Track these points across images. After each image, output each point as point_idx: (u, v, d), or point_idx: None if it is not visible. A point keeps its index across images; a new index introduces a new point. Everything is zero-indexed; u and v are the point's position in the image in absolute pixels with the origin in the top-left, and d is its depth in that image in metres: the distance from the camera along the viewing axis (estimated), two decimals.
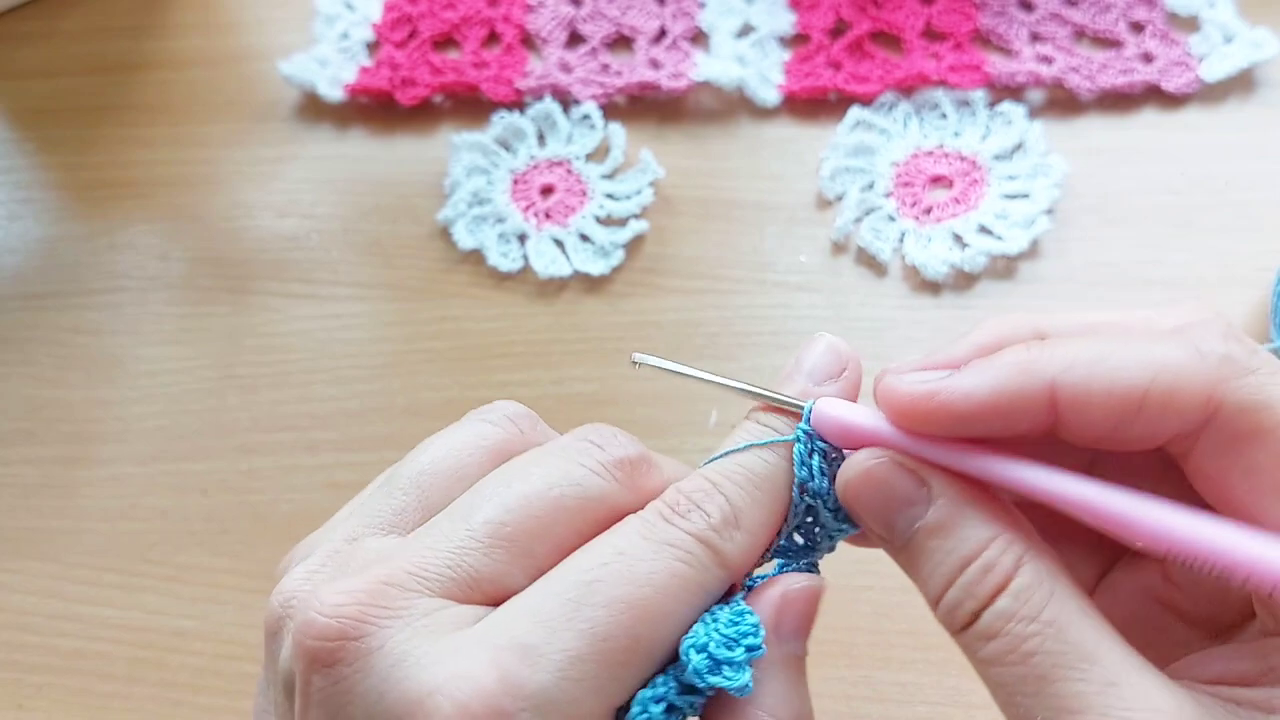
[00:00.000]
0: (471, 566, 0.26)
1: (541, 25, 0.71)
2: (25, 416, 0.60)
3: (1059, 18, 0.67)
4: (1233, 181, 0.60)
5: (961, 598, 0.25)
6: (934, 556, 0.26)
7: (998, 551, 0.25)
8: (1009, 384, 0.25)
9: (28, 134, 0.72)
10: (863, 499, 0.27)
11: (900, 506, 0.26)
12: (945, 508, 0.26)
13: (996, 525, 0.26)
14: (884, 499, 0.27)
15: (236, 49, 0.74)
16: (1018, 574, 0.25)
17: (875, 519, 0.27)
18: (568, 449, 0.28)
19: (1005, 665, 0.24)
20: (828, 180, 0.62)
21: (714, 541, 0.27)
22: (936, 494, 0.26)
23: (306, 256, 0.64)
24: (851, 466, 0.27)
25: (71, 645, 0.53)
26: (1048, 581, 0.25)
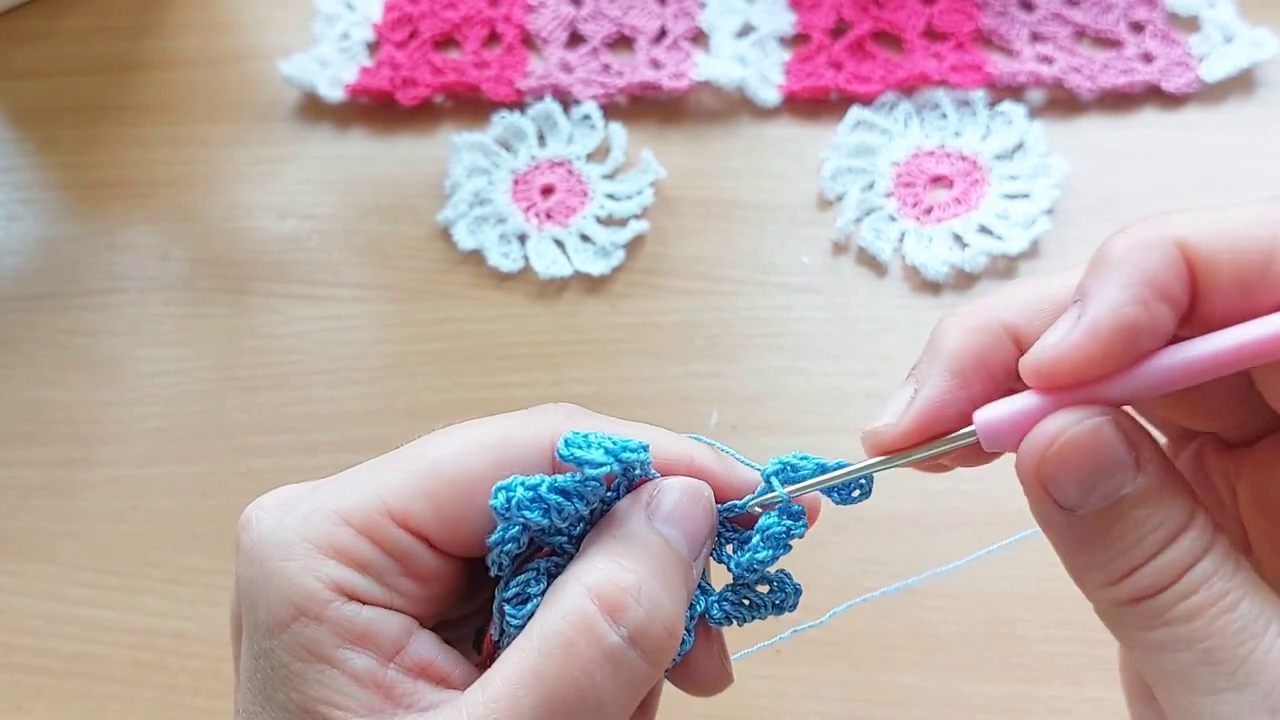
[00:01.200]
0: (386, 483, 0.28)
1: (542, 25, 0.71)
2: (25, 418, 0.60)
3: (1060, 18, 0.67)
4: (1233, 181, 0.60)
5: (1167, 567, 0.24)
6: (1140, 527, 0.24)
7: (1201, 525, 0.25)
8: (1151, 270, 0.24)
9: (28, 134, 0.72)
10: (1071, 463, 0.25)
11: (1111, 471, 0.24)
12: (1156, 475, 0.25)
13: (1195, 499, 0.25)
14: (1098, 460, 0.24)
15: (236, 49, 0.74)
16: (1216, 545, 0.24)
17: (1078, 483, 0.25)
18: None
19: (1206, 618, 0.23)
20: (828, 180, 0.62)
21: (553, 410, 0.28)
22: (1147, 460, 0.25)
23: (307, 257, 0.64)
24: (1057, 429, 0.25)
25: (71, 647, 0.53)
26: (1236, 555, 0.25)
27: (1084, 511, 0.25)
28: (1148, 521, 0.24)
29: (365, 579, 0.26)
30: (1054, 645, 0.48)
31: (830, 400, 0.55)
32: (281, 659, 0.25)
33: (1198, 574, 0.24)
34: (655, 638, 0.26)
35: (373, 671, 0.25)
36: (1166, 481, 0.25)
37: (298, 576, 0.25)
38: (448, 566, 0.27)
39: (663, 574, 0.27)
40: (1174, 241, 0.24)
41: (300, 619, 0.25)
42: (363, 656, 0.25)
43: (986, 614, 0.49)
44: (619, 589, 0.26)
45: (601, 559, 0.26)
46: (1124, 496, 0.24)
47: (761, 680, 0.48)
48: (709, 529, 0.28)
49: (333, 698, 0.25)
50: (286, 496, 0.28)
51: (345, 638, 0.25)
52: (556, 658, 0.25)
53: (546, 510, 0.26)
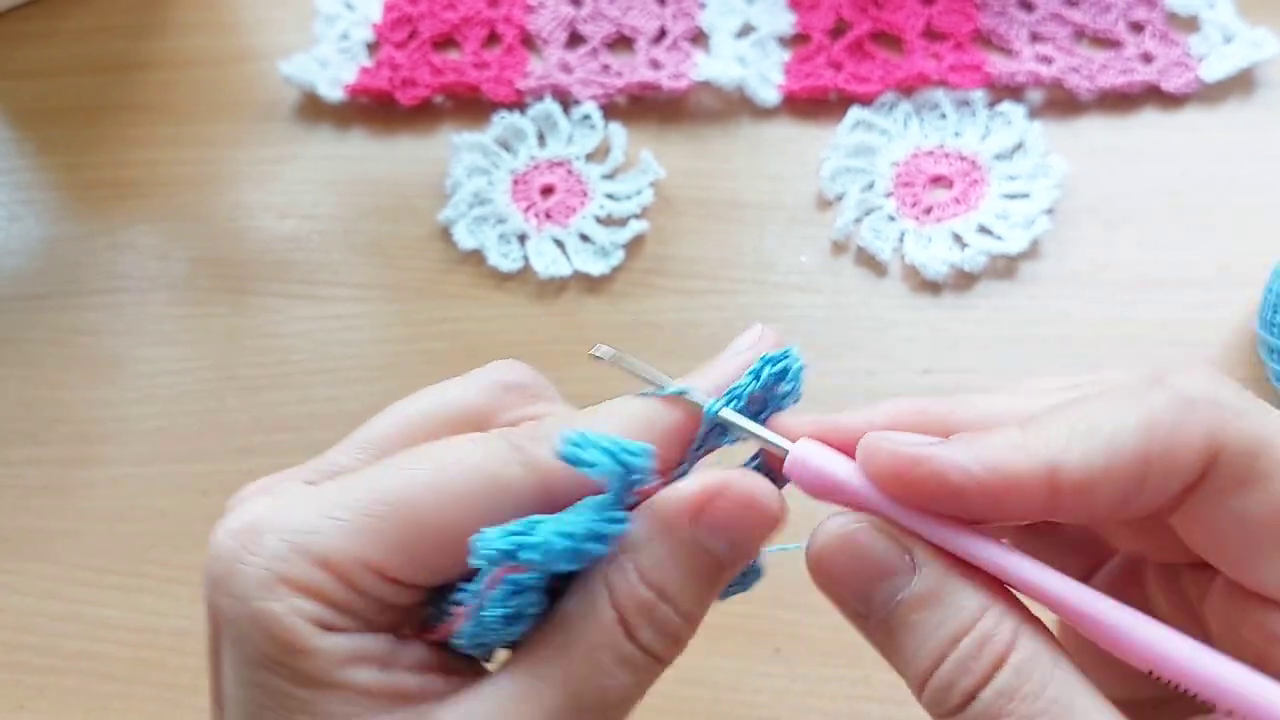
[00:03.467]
0: (334, 461, 0.29)
1: (542, 25, 0.71)
2: (25, 417, 0.60)
3: (1059, 18, 0.67)
4: (1233, 181, 0.60)
5: (956, 675, 0.23)
6: (921, 630, 0.24)
7: (993, 622, 0.23)
8: (1007, 463, 0.23)
9: (28, 134, 0.72)
10: (838, 567, 0.24)
11: (881, 576, 0.24)
12: (932, 576, 0.24)
13: (987, 594, 0.24)
14: (863, 568, 0.24)
15: (237, 49, 0.74)
16: (1016, 647, 0.23)
17: (851, 590, 0.25)
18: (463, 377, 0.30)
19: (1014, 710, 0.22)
20: (828, 180, 0.62)
21: (521, 441, 0.26)
22: (922, 562, 0.24)
23: (307, 257, 0.64)
24: (825, 531, 0.25)
25: (72, 646, 0.53)
26: (1047, 654, 0.23)
27: (872, 620, 0.24)
28: (928, 623, 0.23)
29: (345, 618, 0.25)
30: None
31: (830, 399, 0.56)
32: (281, 688, 0.25)
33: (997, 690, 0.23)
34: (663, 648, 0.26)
35: (379, 680, 0.25)
36: (946, 581, 0.24)
37: (283, 617, 0.25)
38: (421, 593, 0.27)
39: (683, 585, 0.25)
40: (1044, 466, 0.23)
41: (293, 654, 0.25)
42: (364, 671, 0.25)
43: None
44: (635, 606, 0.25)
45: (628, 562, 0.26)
46: (900, 601, 0.24)
47: (763, 679, 0.49)
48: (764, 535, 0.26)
49: (348, 711, 0.25)
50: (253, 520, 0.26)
51: (342, 662, 0.25)
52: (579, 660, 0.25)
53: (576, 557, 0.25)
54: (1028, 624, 0.24)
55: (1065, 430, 0.23)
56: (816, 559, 0.25)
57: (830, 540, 0.25)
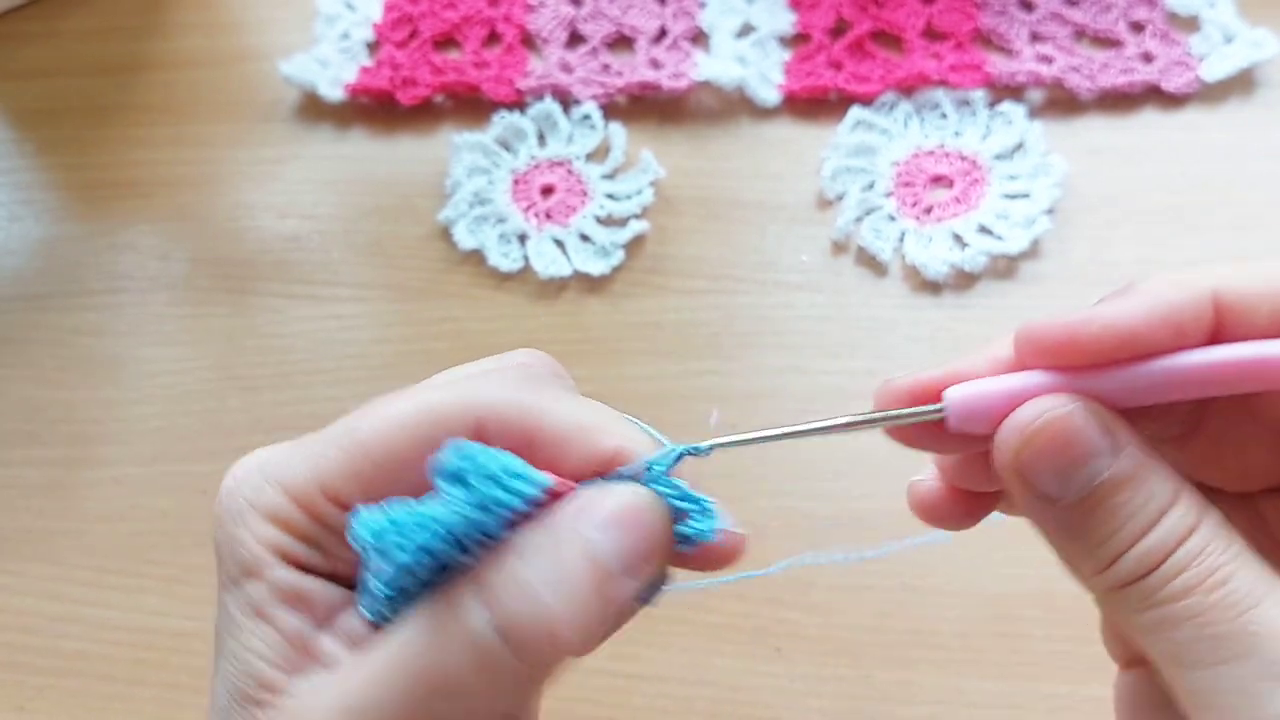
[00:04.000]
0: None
1: (542, 25, 0.71)
2: (26, 417, 0.60)
3: (1059, 17, 0.67)
4: (1233, 181, 0.60)
5: (1157, 544, 0.24)
6: (1123, 509, 0.25)
7: (1186, 503, 0.25)
8: (1172, 299, 0.24)
9: (28, 134, 0.72)
10: (1045, 452, 0.25)
11: (1086, 458, 0.25)
12: (1134, 457, 0.25)
13: (1179, 479, 0.25)
14: (1071, 450, 0.25)
15: (237, 49, 0.74)
16: (1202, 524, 0.25)
17: (1053, 471, 0.25)
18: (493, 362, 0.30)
19: (1199, 593, 0.23)
20: (828, 180, 0.62)
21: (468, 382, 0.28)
22: (1123, 443, 0.25)
23: (307, 257, 0.64)
24: (1035, 412, 0.25)
25: (73, 646, 0.53)
26: (1228, 529, 0.25)
27: (1066, 501, 0.25)
28: (1129, 504, 0.25)
29: (305, 547, 0.27)
30: (1055, 643, 0.48)
31: (830, 399, 0.56)
32: (231, 612, 0.27)
33: (1186, 552, 0.24)
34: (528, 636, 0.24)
35: (301, 632, 0.27)
36: (1145, 464, 0.25)
37: (246, 541, 0.27)
38: None
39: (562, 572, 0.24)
40: (1206, 287, 0.25)
41: (247, 577, 0.27)
42: (295, 617, 0.27)
43: (987, 611, 0.49)
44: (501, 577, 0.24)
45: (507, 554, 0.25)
46: (1103, 482, 0.25)
47: (762, 677, 0.49)
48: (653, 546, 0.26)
49: (261, 649, 0.26)
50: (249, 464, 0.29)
51: (281, 598, 0.27)
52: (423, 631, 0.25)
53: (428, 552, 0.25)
54: (1210, 511, 0.25)
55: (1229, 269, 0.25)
56: (1024, 445, 0.25)
57: (1045, 421, 0.25)
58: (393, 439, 0.27)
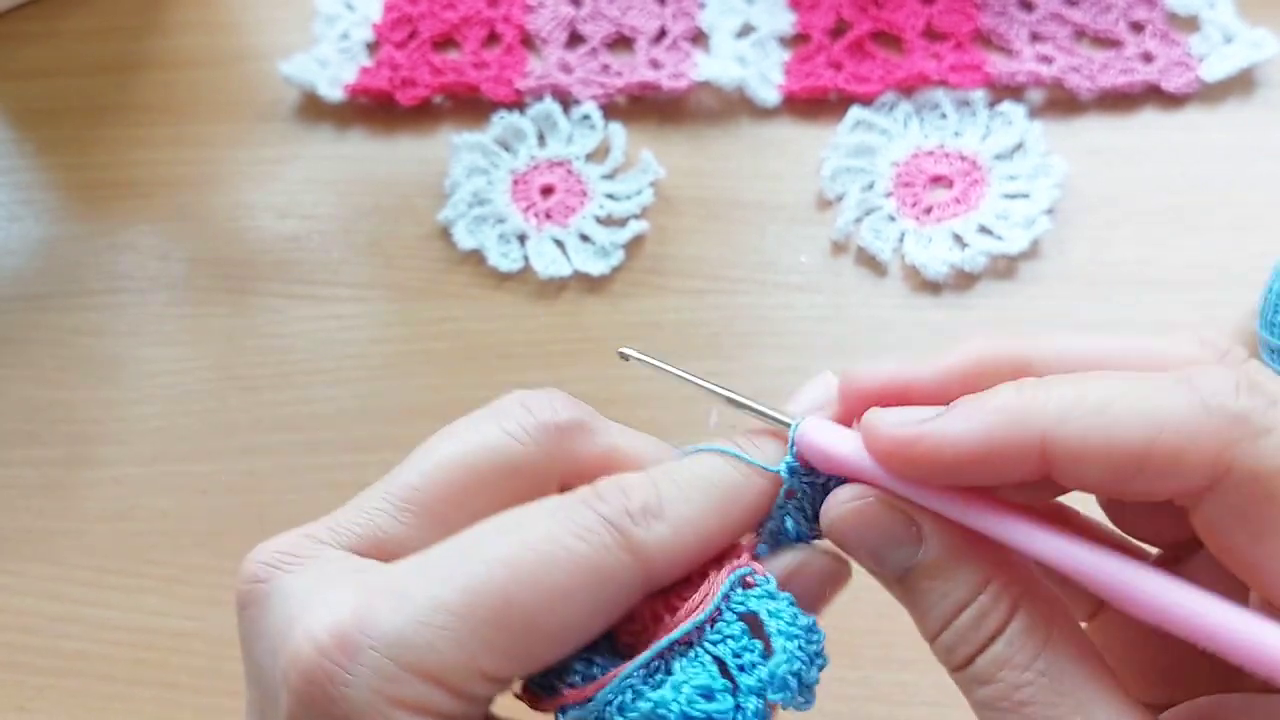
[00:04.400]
0: (379, 527, 0.27)
1: (541, 25, 0.71)
2: (26, 417, 0.60)
3: (1059, 18, 0.67)
4: (1233, 181, 0.60)
5: (956, 641, 0.25)
6: (928, 598, 0.26)
7: (992, 598, 0.25)
8: (998, 433, 0.24)
9: (28, 134, 0.72)
10: (850, 536, 0.27)
11: (891, 545, 0.26)
12: (937, 550, 0.26)
13: (989, 569, 0.25)
14: (873, 537, 0.26)
15: (237, 49, 0.74)
16: (1013, 620, 0.25)
17: (866, 555, 0.27)
18: (498, 411, 0.28)
19: (999, 711, 0.24)
20: (828, 180, 0.62)
21: (624, 526, 0.25)
22: (928, 535, 0.26)
23: (307, 257, 0.64)
24: (837, 503, 0.27)
25: (73, 647, 0.53)
26: (1042, 629, 0.25)
27: (886, 574, 0.26)
28: (934, 592, 0.26)
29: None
30: None
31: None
32: None
33: (991, 659, 0.25)
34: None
35: None
36: (952, 554, 0.25)
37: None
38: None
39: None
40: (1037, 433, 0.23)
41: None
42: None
43: None
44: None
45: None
46: (910, 570, 0.26)
47: None
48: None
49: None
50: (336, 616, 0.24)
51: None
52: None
53: None
54: (1029, 595, 0.25)
55: (1072, 399, 0.23)
56: (830, 527, 0.27)
57: (843, 512, 0.26)
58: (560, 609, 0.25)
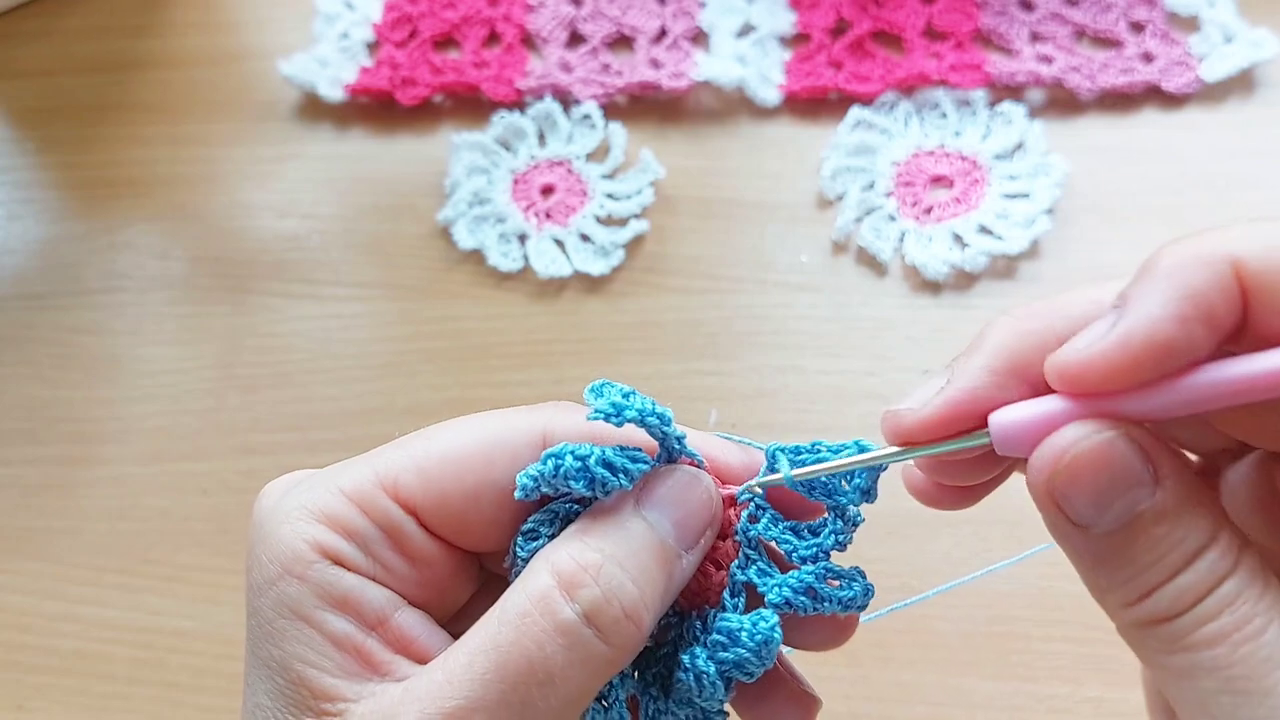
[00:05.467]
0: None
1: (542, 25, 0.71)
2: (25, 416, 0.60)
3: (1059, 17, 0.67)
4: (1233, 181, 0.60)
5: (1187, 587, 0.23)
6: (1159, 545, 0.23)
7: (1224, 544, 0.23)
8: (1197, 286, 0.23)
9: (28, 134, 0.72)
10: (1084, 479, 0.24)
11: (1126, 487, 0.24)
12: (1175, 491, 0.24)
13: (1219, 515, 0.24)
14: (1111, 478, 0.23)
15: (237, 49, 0.74)
16: (1238, 568, 0.23)
17: (1092, 500, 0.24)
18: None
19: (1229, 645, 0.22)
20: (828, 180, 0.62)
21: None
22: (1165, 475, 0.24)
23: (307, 256, 0.64)
24: (1075, 437, 0.24)
25: (72, 645, 0.53)
26: (1262, 573, 0.24)
27: (1099, 529, 0.24)
28: (1166, 540, 0.23)
29: (351, 546, 0.27)
30: (1053, 644, 0.48)
31: (830, 399, 0.56)
32: (266, 615, 0.26)
33: (1220, 597, 0.23)
34: (611, 618, 0.26)
35: (351, 636, 0.26)
36: (1187, 498, 0.24)
37: (287, 538, 0.26)
38: (441, 552, 0.28)
39: (635, 557, 0.26)
40: (1227, 258, 0.23)
41: (285, 577, 0.26)
42: (342, 620, 0.26)
43: (986, 612, 0.49)
44: (578, 566, 0.26)
45: (574, 537, 0.27)
46: (1141, 513, 0.24)
47: None
48: (706, 518, 0.28)
49: (308, 655, 0.26)
50: (299, 476, 0.29)
51: (326, 600, 0.26)
52: (512, 627, 0.25)
53: (591, 482, 0.27)
54: (1246, 552, 0.24)
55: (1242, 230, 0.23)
56: (1067, 464, 0.24)
57: (1086, 444, 0.24)
58: (461, 439, 0.28)
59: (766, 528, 0.29)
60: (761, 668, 0.28)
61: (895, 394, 0.57)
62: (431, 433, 0.28)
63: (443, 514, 0.27)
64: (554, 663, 0.25)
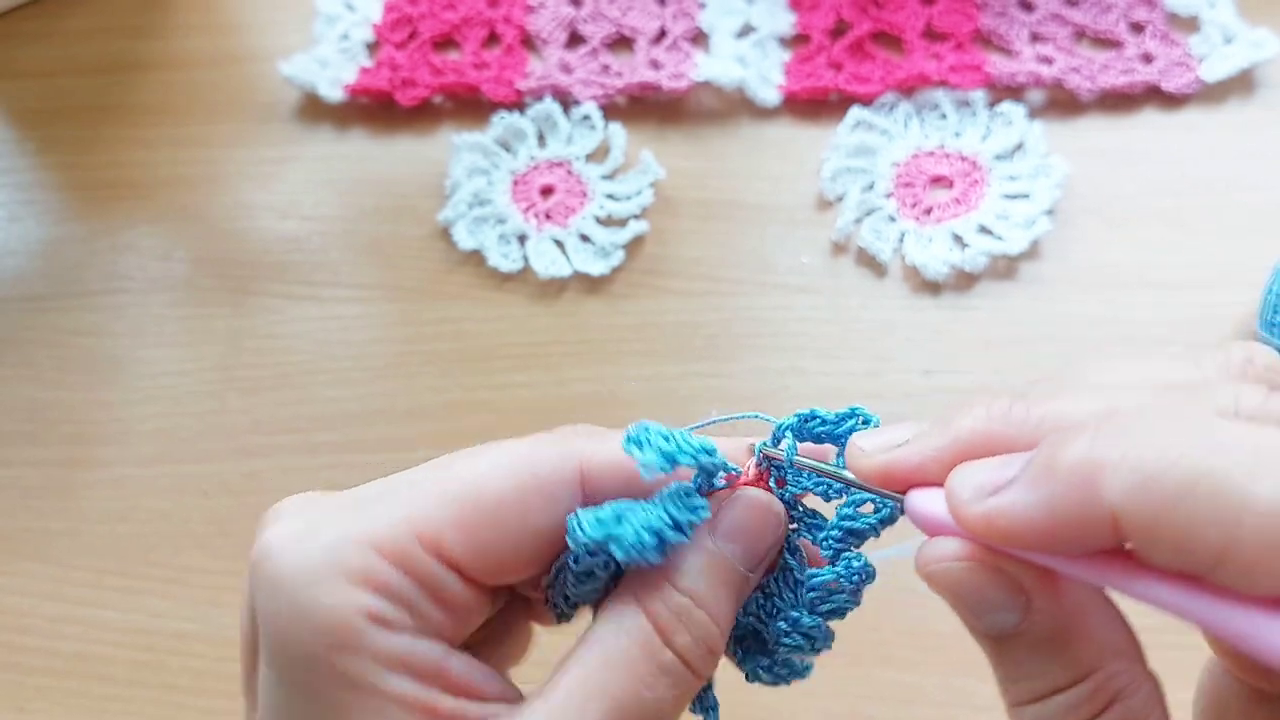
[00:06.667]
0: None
1: (542, 26, 0.71)
2: (26, 418, 0.60)
3: (1059, 18, 0.67)
4: (1233, 182, 0.60)
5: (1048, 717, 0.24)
6: (1023, 668, 0.24)
7: (1092, 688, 0.24)
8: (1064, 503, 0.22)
9: (28, 134, 0.72)
10: (948, 594, 0.25)
11: (990, 610, 0.24)
12: (1043, 625, 0.24)
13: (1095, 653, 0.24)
14: (974, 599, 0.24)
15: (237, 50, 0.74)
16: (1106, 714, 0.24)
17: (962, 610, 0.25)
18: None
19: None
20: (828, 181, 0.62)
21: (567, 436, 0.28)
22: (1036, 608, 0.24)
23: (307, 257, 0.64)
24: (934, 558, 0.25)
25: (72, 648, 0.53)
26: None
27: (978, 636, 0.25)
28: (1026, 665, 0.24)
29: (395, 608, 0.25)
30: None
31: (830, 400, 0.55)
32: (322, 692, 0.25)
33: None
34: (699, 656, 0.27)
35: (417, 695, 0.25)
36: (1054, 636, 0.24)
37: (334, 608, 0.25)
38: (475, 594, 0.27)
39: (713, 592, 0.27)
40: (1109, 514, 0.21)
41: (339, 651, 0.25)
42: (404, 681, 0.25)
43: None
44: (670, 612, 0.27)
45: (658, 575, 0.27)
46: (1012, 635, 0.24)
47: None
48: (773, 540, 0.29)
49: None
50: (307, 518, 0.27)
51: (387, 665, 0.25)
52: (621, 671, 0.26)
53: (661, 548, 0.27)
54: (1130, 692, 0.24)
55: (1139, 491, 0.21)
56: (927, 579, 0.25)
57: (939, 571, 0.25)
58: (498, 482, 0.27)
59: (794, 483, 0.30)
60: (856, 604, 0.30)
61: (895, 395, 0.57)
62: (461, 469, 0.27)
63: (483, 564, 0.27)
64: (664, 701, 0.26)
